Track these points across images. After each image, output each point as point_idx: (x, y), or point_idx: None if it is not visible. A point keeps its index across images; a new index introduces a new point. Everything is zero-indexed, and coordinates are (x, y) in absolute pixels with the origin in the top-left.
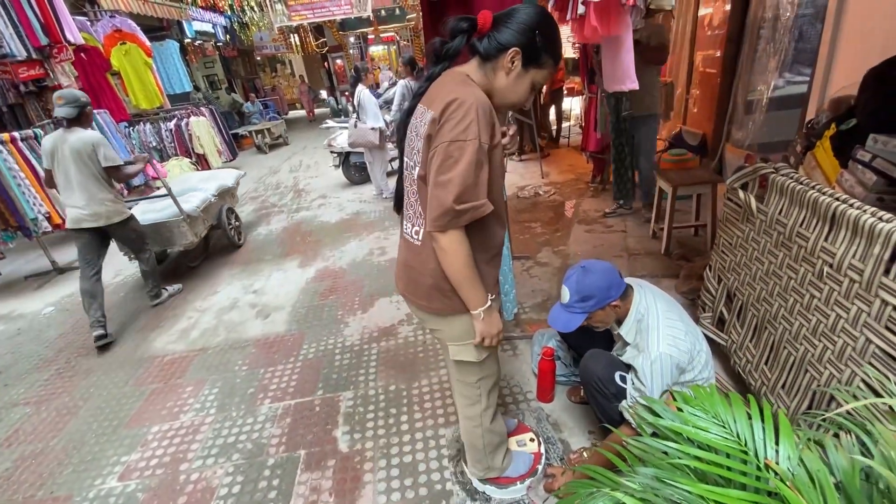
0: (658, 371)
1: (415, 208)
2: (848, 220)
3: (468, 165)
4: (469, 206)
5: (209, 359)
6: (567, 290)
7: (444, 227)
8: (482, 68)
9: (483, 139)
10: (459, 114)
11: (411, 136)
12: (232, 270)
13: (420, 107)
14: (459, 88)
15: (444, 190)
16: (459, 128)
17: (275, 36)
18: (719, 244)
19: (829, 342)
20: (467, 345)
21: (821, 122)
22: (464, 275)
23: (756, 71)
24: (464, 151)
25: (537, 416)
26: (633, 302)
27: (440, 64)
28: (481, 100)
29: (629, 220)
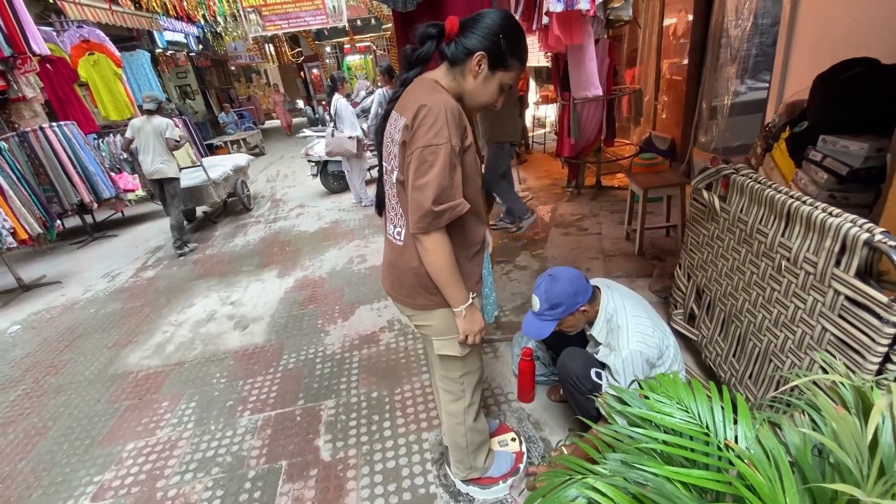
0: (630, 367)
1: (396, 210)
2: (802, 216)
3: (442, 168)
4: (447, 206)
5: (186, 373)
6: (537, 299)
7: (426, 228)
8: (451, 72)
9: (454, 142)
10: (430, 119)
11: (387, 142)
12: (209, 282)
13: (394, 113)
14: (428, 95)
15: (422, 193)
16: (431, 133)
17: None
18: (687, 243)
19: (789, 332)
20: (451, 339)
21: (777, 125)
22: (446, 274)
23: (719, 78)
24: (437, 155)
25: (518, 416)
26: (602, 303)
27: (413, 69)
28: (450, 105)
29: (604, 222)
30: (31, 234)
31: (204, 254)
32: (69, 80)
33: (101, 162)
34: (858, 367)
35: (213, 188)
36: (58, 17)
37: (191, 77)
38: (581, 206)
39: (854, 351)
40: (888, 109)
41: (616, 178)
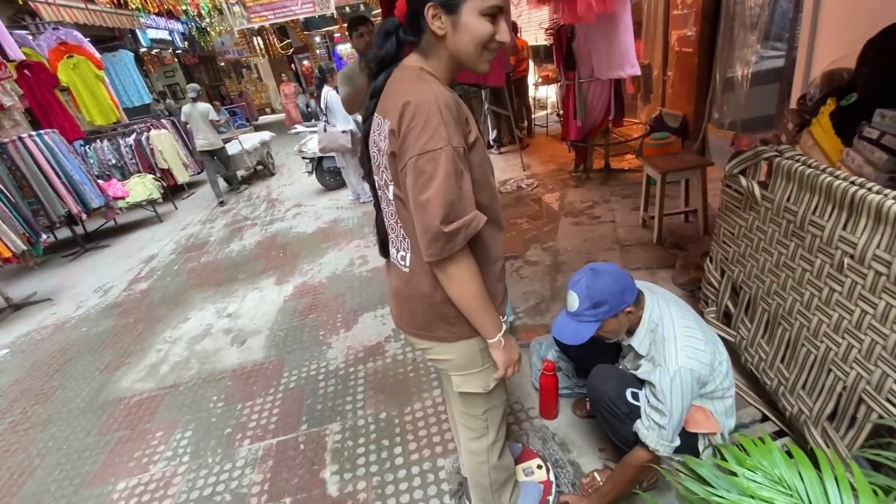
0: (678, 387)
1: (397, 231)
2: (870, 206)
3: (446, 178)
4: (459, 224)
5: (181, 396)
6: (576, 296)
7: (440, 254)
8: (426, 53)
9: (455, 142)
10: (420, 119)
11: (374, 153)
12: (204, 293)
13: (376, 117)
14: (413, 87)
15: (426, 213)
16: (424, 136)
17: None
18: (719, 234)
19: (854, 340)
20: (474, 374)
21: (814, 97)
22: (477, 301)
23: (734, 47)
24: (437, 163)
25: (542, 435)
26: (646, 309)
27: (380, 75)
28: (441, 95)
29: (617, 209)
30: (14, 252)
31: (199, 262)
32: (49, 86)
33: (87, 170)
34: None
35: (247, 156)
36: (32, 20)
37: (179, 76)
38: (591, 191)
39: None
40: None
41: (625, 159)
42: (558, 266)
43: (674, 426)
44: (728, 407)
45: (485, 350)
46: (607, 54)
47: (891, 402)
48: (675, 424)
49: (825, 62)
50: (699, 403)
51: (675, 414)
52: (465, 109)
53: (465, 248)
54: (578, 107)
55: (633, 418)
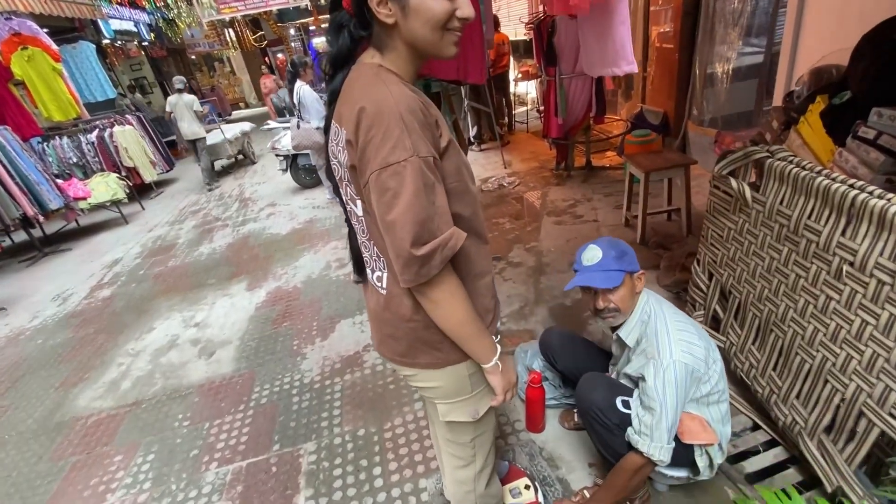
0: (672, 381)
1: (370, 250)
2: (871, 212)
3: (414, 194)
4: (434, 245)
5: (143, 415)
6: (598, 249)
7: (416, 279)
8: (380, 46)
9: (423, 151)
10: (379, 128)
11: (335, 165)
12: (170, 300)
13: (333, 125)
14: (369, 90)
15: (394, 235)
16: (385, 147)
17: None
18: (707, 236)
19: (854, 351)
20: (462, 401)
21: (801, 95)
22: (467, 327)
23: (715, 43)
24: (402, 178)
25: (529, 451)
26: (640, 301)
27: (337, 76)
28: (402, 97)
29: (599, 207)
30: None
31: (166, 266)
32: (2, 80)
33: (45, 169)
34: None
35: (228, 145)
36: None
37: (146, 69)
38: (573, 189)
39: None
40: None
41: (606, 156)
42: (542, 268)
43: (667, 426)
44: (724, 413)
45: (475, 374)
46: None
47: (894, 416)
48: (668, 424)
49: (810, 58)
50: (695, 411)
51: (668, 412)
52: (433, 111)
53: (448, 267)
54: (560, 103)
55: (623, 429)
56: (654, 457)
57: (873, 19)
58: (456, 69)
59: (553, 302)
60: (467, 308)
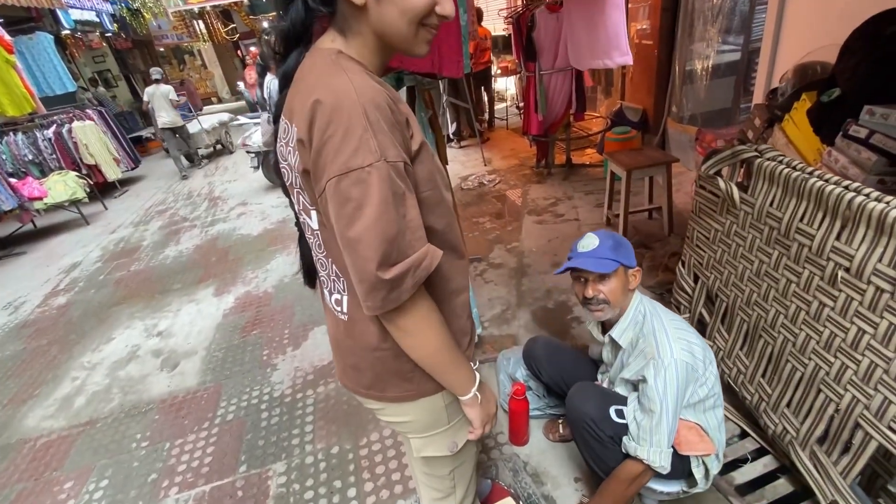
0: (673, 380)
1: (328, 268)
2: (870, 215)
3: (381, 206)
4: (405, 267)
5: (98, 435)
6: (595, 237)
7: (383, 305)
8: (343, 29)
9: (391, 155)
10: (339, 126)
11: (284, 168)
12: (132, 307)
13: (283, 121)
14: (326, 80)
15: (357, 255)
16: (346, 149)
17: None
18: (693, 237)
19: (849, 360)
20: (439, 434)
21: (785, 92)
22: (442, 356)
23: (693, 40)
24: (366, 186)
25: (513, 466)
26: (633, 300)
27: (291, 55)
28: (367, 89)
29: (580, 206)
30: None
31: (128, 270)
32: None
33: None
34: None
35: (206, 135)
36: None
37: (110, 61)
38: (553, 187)
39: None
40: None
41: (586, 154)
42: (523, 269)
43: (667, 429)
44: (720, 420)
45: (452, 405)
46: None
47: (894, 430)
48: (668, 428)
49: (792, 56)
50: (692, 417)
51: (668, 414)
52: (403, 108)
53: (420, 290)
54: (540, 100)
55: (617, 442)
56: (655, 463)
57: (857, 14)
58: (430, 62)
59: (535, 304)
60: (443, 335)
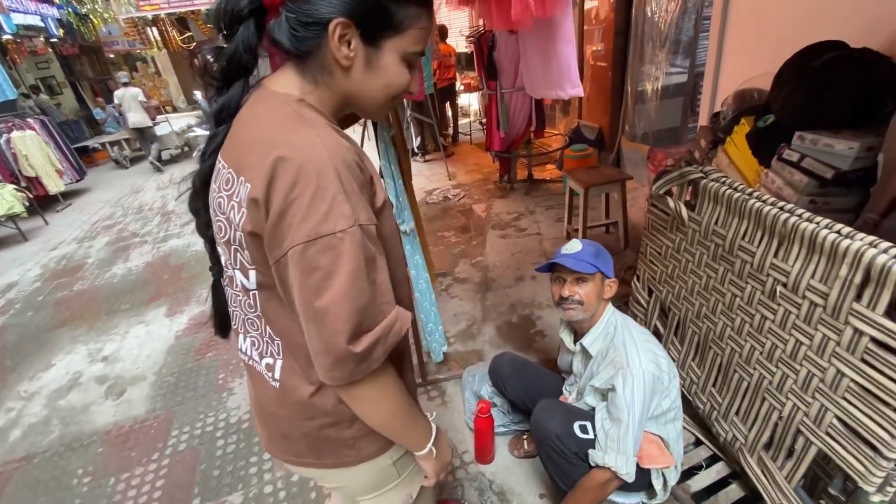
0: (640, 390)
1: (258, 328)
2: (802, 235)
3: (353, 275)
4: (376, 336)
5: (35, 472)
6: (578, 242)
7: (350, 377)
8: (306, 72)
9: (364, 218)
10: (307, 187)
11: (219, 219)
12: (74, 330)
13: (222, 167)
14: (288, 133)
15: (324, 326)
16: (316, 214)
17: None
18: (646, 253)
19: (789, 370)
20: (390, 491)
21: (727, 116)
22: (400, 419)
23: (644, 62)
24: (338, 254)
25: (479, 485)
26: (606, 311)
27: (231, 88)
28: (337, 148)
29: (541, 220)
30: None
31: (71, 290)
32: None
33: None
34: (893, 423)
35: (175, 136)
36: None
37: (55, 67)
38: (516, 202)
39: (884, 403)
40: (871, 100)
41: (546, 169)
42: (488, 283)
43: (633, 438)
44: (679, 431)
45: (402, 459)
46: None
47: (832, 436)
48: (633, 437)
49: (732, 80)
50: (654, 429)
51: (635, 423)
52: (369, 164)
53: (386, 362)
54: (501, 117)
55: (581, 458)
56: (622, 470)
57: (789, 45)
58: None
59: (500, 319)
60: (401, 397)
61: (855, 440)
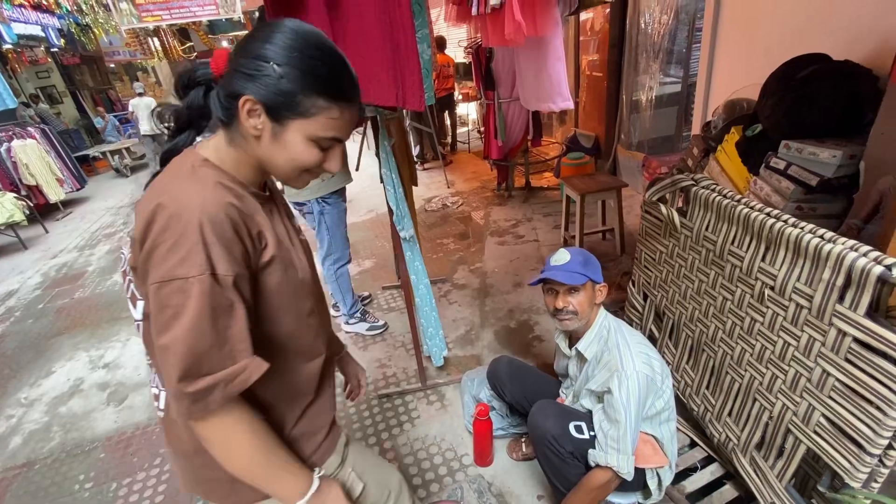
0: (635, 390)
1: (150, 358)
2: (788, 239)
3: (196, 319)
4: (213, 381)
5: (36, 478)
6: (567, 252)
7: (188, 414)
8: (229, 138)
9: (222, 268)
10: (171, 234)
11: (123, 252)
12: (75, 337)
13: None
14: (176, 185)
15: (165, 362)
16: (173, 257)
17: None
18: (641, 259)
19: (778, 370)
20: None
21: (718, 125)
22: (255, 470)
23: (638, 73)
24: (186, 297)
25: (477, 487)
26: (598, 316)
27: (180, 135)
28: (211, 206)
29: (539, 227)
30: None
31: (72, 298)
32: None
33: None
34: (876, 421)
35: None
36: None
37: (55, 77)
38: (514, 209)
39: (867, 402)
40: (853, 111)
41: (544, 177)
42: (486, 289)
43: (631, 438)
44: (673, 432)
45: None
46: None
47: (819, 434)
48: (631, 437)
49: (723, 91)
50: (649, 429)
51: (632, 423)
52: (256, 221)
53: (235, 402)
54: (499, 127)
55: (577, 457)
56: (623, 470)
57: (776, 57)
58: (395, 96)
59: (498, 324)
60: (255, 447)
61: (841, 437)
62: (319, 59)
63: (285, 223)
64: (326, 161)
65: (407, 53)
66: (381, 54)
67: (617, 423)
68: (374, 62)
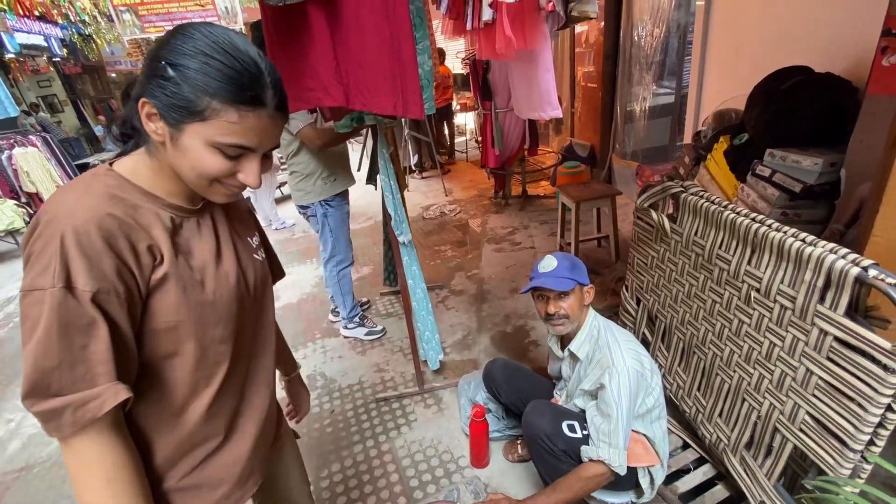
0: (626, 385)
1: None
2: (771, 243)
3: (42, 334)
4: (60, 403)
5: (35, 482)
6: (554, 259)
7: (46, 431)
8: (151, 150)
9: (80, 282)
10: (41, 242)
11: None
12: None
13: None
14: (60, 195)
15: (24, 373)
16: (36, 267)
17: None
18: (633, 264)
19: (764, 370)
20: None
21: (707, 135)
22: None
23: (632, 84)
24: (42, 310)
25: (474, 488)
26: (588, 316)
27: (128, 141)
28: (83, 214)
29: (536, 234)
30: None
31: None
32: None
33: None
34: (857, 417)
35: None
36: None
37: (57, 86)
38: (510, 217)
39: (849, 399)
40: (834, 121)
41: (540, 186)
42: (483, 295)
43: (623, 433)
44: (664, 431)
45: None
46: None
47: (804, 432)
48: (623, 431)
49: (713, 101)
50: (641, 428)
51: (623, 418)
52: (149, 235)
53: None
54: (496, 136)
55: (570, 455)
56: (613, 463)
57: (764, 67)
58: (393, 105)
59: (495, 329)
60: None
61: (825, 434)
62: (219, 58)
63: (219, 239)
64: (241, 172)
65: (407, 64)
66: (381, 65)
67: (609, 418)
68: (374, 72)
